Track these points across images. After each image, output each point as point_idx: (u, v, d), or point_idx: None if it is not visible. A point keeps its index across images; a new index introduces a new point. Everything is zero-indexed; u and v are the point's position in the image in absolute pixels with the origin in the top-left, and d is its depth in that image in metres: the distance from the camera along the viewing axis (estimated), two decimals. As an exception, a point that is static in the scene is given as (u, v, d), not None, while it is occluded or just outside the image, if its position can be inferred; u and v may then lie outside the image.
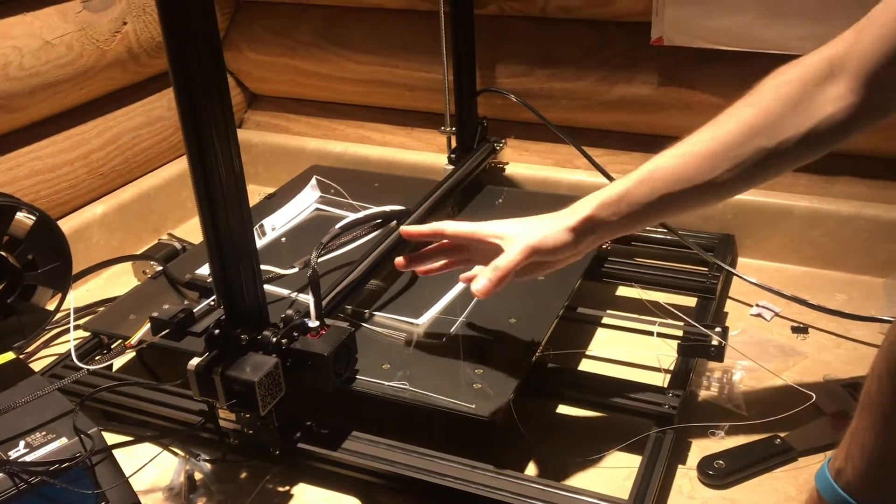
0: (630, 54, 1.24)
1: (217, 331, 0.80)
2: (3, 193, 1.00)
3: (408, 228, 0.93)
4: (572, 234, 0.80)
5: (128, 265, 1.22)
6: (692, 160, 0.77)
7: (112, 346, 1.06)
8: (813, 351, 1.03)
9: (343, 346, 0.84)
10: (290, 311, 0.85)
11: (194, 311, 0.82)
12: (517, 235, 0.81)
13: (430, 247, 0.91)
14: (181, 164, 1.48)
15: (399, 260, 0.91)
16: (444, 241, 0.90)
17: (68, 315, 1.09)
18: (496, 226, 0.84)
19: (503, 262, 0.79)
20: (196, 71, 0.70)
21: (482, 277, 0.79)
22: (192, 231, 1.43)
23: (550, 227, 0.80)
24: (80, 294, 1.22)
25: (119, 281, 1.25)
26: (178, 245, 1.21)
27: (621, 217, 0.79)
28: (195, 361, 0.79)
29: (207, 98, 0.71)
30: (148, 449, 0.92)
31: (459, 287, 1.04)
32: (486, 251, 0.83)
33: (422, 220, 1.12)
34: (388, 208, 1.05)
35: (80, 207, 1.31)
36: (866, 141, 1.15)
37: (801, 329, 1.07)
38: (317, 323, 0.85)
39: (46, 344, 1.12)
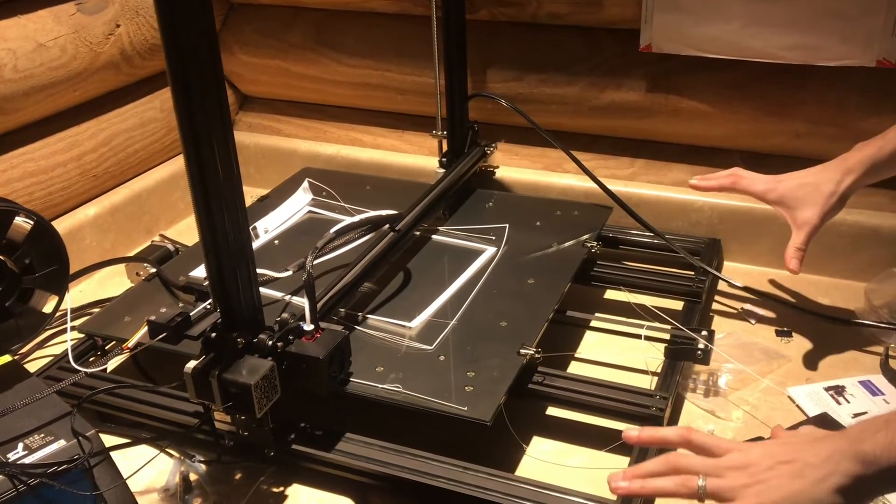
0: (619, 61, 1.25)
1: (214, 334, 0.81)
2: (1, 198, 1.01)
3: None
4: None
5: (121, 266, 1.23)
6: None
7: (107, 348, 1.06)
8: (796, 354, 1.05)
9: (338, 350, 0.86)
10: (285, 315, 0.86)
11: (191, 314, 0.83)
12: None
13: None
14: (173, 166, 1.49)
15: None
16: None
17: (62, 316, 1.10)
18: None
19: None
20: (194, 73, 0.70)
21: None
22: (183, 232, 1.44)
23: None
24: (74, 295, 1.22)
25: (112, 282, 1.26)
26: (171, 247, 1.22)
27: None
28: (192, 364, 0.80)
29: (205, 100, 0.72)
30: (143, 450, 0.93)
31: (451, 291, 1.06)
32: None
33: (415, 223, 1.14)
34: (382, 212, 1.07)
35: (73, 209, 1.32)
36: (850, 148, 1.18)
37: (785, 333, 1.09)
38: (312, 326, 0.86)
39: (40, 345, 1.12)
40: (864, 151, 0.93)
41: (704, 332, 0.99)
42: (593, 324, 1.12)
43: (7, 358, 0.90)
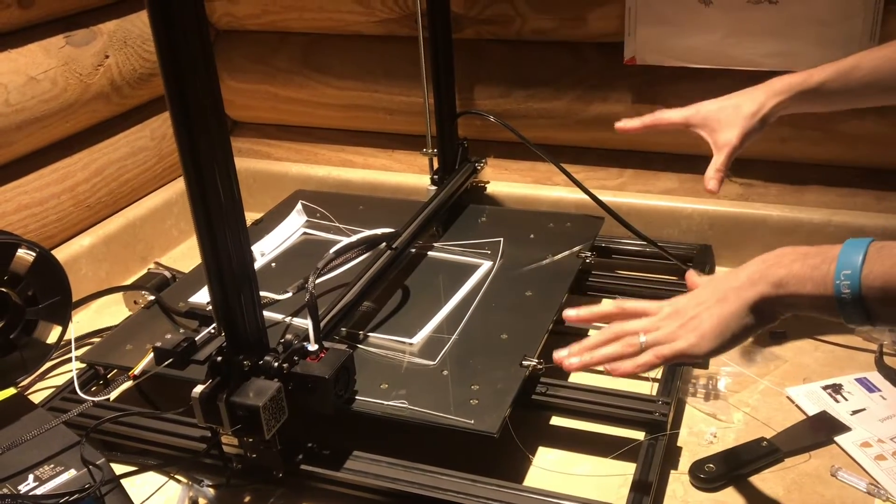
0: (604, 74, 1.28)
1: (220, 358, 0.81)
2: (2, 231, 1.02)
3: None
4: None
5: (118, 295, 1.23)
6: None
7: (109, 377, 1.07)
8: (792, 355, 1.07)
9: (343, 368, 0.87)
10: (289, 336, 0.87)
11: (196, 339, 0.83)
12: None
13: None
14: (165, 193, 1.49)
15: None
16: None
17: (62, 347, 1.10)
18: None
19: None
20: (193, 100, 0.71)
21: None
22: (178, 259, 1.45)
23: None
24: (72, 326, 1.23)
25: (109, 311, 1.26)
26: (167, 274, 1.22)
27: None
28: (199, 389, 0.81)
29: (205, 126, 0.73)
30: (151, 477, 0.93)
31: (450, 306, 1.07)
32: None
33: (411, 241, 1.15)
34: (378, 231, 1.08)
35: (68, 240, 1.32)
36: (834, 150, 1.21)
37: (780, 334, 1.11)
38: (316, 346, 0.87)
39: (42, 376, 1.12)
40: (792, 77, 0.92)
41: (702, 337, 1.00)
42: (592, 333, 1.13)
43: (12, 391, 0.90)
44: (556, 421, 0.99)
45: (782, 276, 0.66)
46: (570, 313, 0.79)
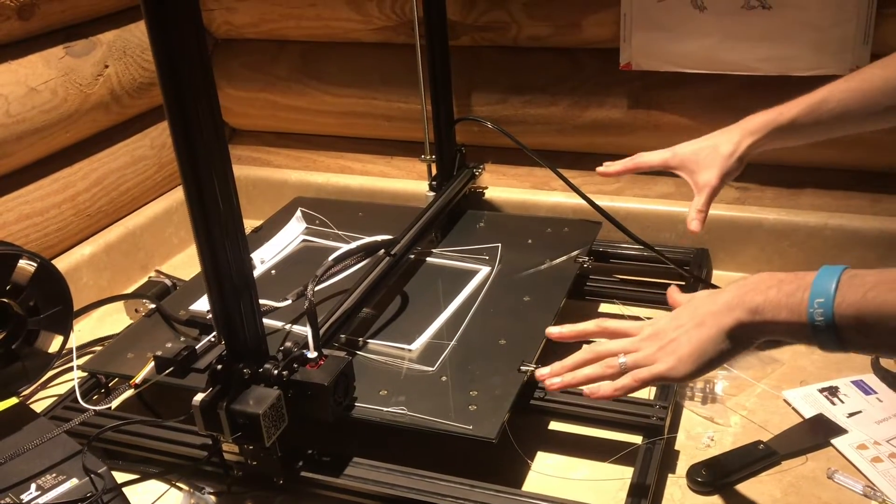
0: (600, 79, 1.28)
1: (220, 366, 0.82)
2: (3, 242, 1.02)
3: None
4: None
5: (118, 304, 1.23)
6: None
7: (111, 386, 1.07)
8: (789, 358, 1.08)
9: (342, 375, 0.87)
10: (288, 343, 0.88)
11: (196, 347, 0.84)
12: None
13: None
14: (165, 202, 1.50)
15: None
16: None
17: (64, 356, 1.10)
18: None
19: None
20: (191, 109, 0.72)
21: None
22: (178, 267, 1.46)
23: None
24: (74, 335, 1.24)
25: (111, 319, 1.27)
26: (168, 282, 1.23)
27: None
28: (200, 397, 0.82)
29: (204, 134, 0.73)
30: (152, 485, 0.94)
31: (448, 312, 1.07)
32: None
33: (409, 247, 1.16)
34: (377, 238, 1.08)
35: (69, 249, 1.33)
36: (829, 154, 1.21)
37: (776, 337, 1.11)
38: (315, 353, 0.88)
39: (43, 385, 1.13)
40: (765, 115, 0.95)
41: (699, 341, 1.01)
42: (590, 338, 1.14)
43: (14, 400, 0.91)
44: (554, 426, 1.00)
45: (759, 302, 0.67)
46: (553, 331, 0.81)
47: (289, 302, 1.07)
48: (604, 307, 1.21)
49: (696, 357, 0.70)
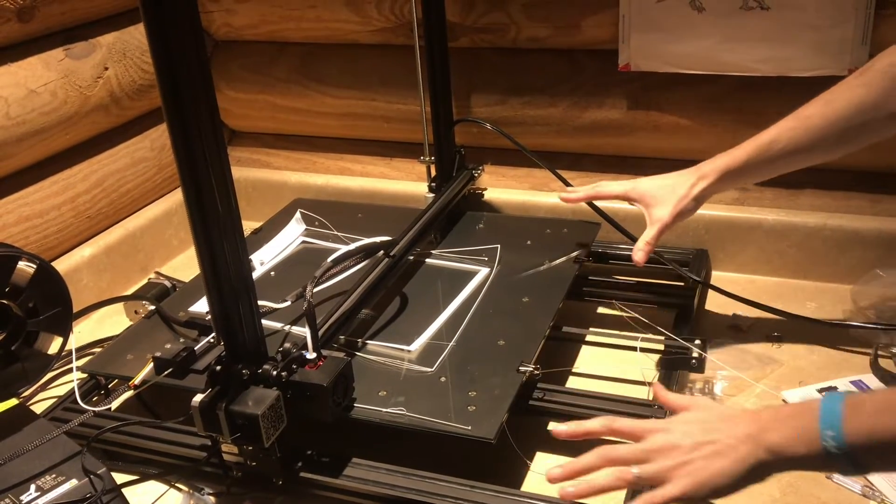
0: (599, 80, 1.29)
1: (219, 367, 0.82)
2: (3, 244, 1.03)
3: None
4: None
5: (118, 305, 1.24)
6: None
7: (110, 387, 1.07)
8: (788, 358, 1.08)
9: (341, 376, 0.87)
10: (287, 345, 0.88)
11: (195, 348, 0.84)
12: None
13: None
14: (165, 203, 1.51)
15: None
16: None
17: (63, 357, 1.10)
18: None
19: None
20: (190, 110, 0.72)
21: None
22: (178, 269, 1.46)
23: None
24: (74, 336, 1.24)
25: (111, 321, 1.27)
26: (167, 284, 1.23)
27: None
28: (199, 398, 0.82)
29: (202, 137, 0.73)
30: (152, 486, 0.94)
31: (447, 313, 1.08)
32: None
33: (409, 248, 1.16)
34: (376, 239, 1.09)
35: (69, 250, 1.33)
36: (828, 155, 1.21)
37: (775, 338, 1.12)
38: (314, 354, 0.88)
39: (43, 387, 1.13)
40: (718, 160, 0.99)
41: (698, 341, 1.01)
42: (589, 338, 1.14)
43: (14, 401, 0.91)
44: (553, 426, 0.99)
45: (776, 441, 0.68)
46: (560, 430, 0.80)
47: (288, 303, 1.07)
48: (603, 308, 1.21)
49: (712, 486, 0.70)
